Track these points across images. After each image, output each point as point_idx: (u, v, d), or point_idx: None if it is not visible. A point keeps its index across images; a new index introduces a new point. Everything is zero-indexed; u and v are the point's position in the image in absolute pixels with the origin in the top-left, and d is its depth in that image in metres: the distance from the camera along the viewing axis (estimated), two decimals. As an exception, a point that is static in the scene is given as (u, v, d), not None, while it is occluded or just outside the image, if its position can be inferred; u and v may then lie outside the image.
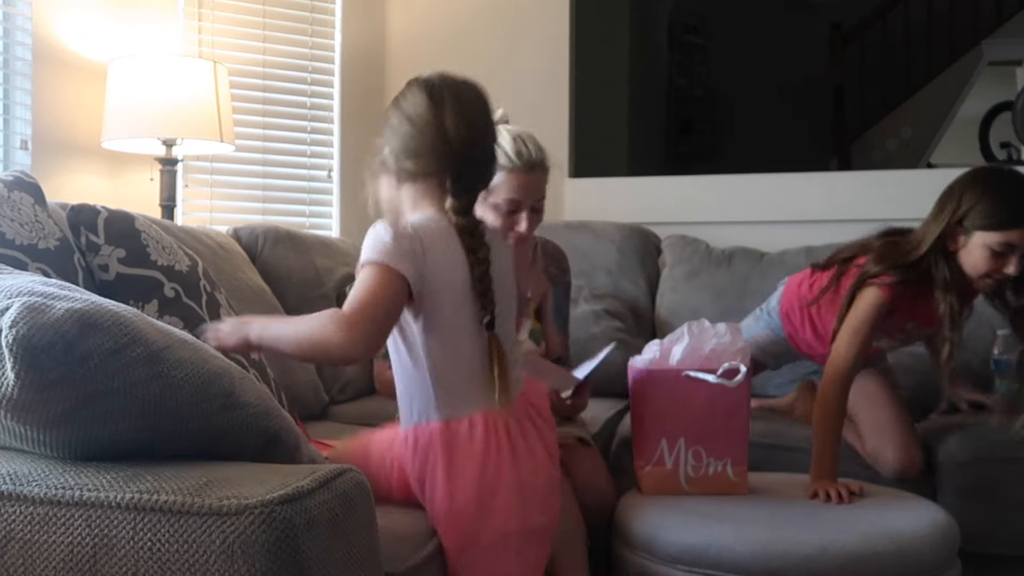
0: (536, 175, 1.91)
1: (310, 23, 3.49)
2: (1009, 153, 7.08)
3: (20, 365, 0.98)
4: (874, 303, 2.05)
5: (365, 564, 1.10)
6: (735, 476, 1.93)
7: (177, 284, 1.81)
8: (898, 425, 2.19)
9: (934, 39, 6.72)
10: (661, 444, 1.93)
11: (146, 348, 1.04)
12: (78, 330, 1.00)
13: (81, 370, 1.00)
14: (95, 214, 1.78)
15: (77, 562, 1.01)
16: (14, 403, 1.01)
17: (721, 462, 1.92)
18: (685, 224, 3.28)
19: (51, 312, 1.00)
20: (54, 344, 0.98)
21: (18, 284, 1.08)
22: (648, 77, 6.31)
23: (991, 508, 2.16)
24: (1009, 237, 1.98)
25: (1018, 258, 1.99)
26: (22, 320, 0.99)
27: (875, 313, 2.04)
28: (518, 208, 1.90)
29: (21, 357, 0.98)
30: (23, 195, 1.70)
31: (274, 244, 2.70)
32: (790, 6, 7.21)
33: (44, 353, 0.98)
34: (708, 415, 1.90)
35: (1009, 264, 1.99)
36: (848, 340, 2.05)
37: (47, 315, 1.00)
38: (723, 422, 1.91)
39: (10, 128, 2.78)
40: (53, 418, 1.03)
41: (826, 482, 1.93)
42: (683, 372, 1.91)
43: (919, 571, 1.69)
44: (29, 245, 1.62)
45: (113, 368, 1.01)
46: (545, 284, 2.19)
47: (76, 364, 1.00)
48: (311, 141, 3.51)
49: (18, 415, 1.03)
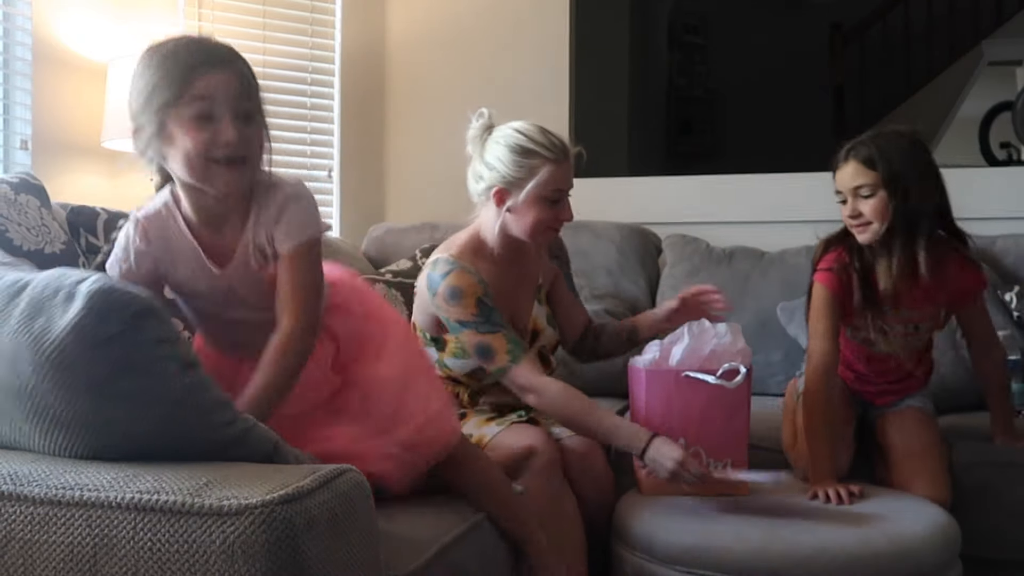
0: (570, 162, 2.00)
1: (310, 23, 3.49)
2: (1009, 153, 7.07)
3: (88, 312, 1.03)
4: (820, 295, 2.05)
5: (365, 564, 1.10)
6: (735, 477, 1.93)
7: (177, 284, 1.81)
8: (927, 457, 2.07)
9: (934, 39, 6.72)
10: None
11: (185, 357, 1.11)
12: (145, 309, 1.07)
13: (135, 338, 1.05)
14: (94, 216, 1.78)
15: (77, 562, 1.01)
16: (63, 356, 1.04)
17: (721, 463, 1.92)
18: (685, 224, 3.28)
19: (124, 288, 1.08)
20: (127, 305, 1.05)
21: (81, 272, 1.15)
22: (648, 77, 6.31)
23: (994, 511, 2.15)
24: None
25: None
26: (103, 280, 1.07)
27: (824, 305, 2.04)
28: (563, 197, 1.99)
29: (95, 303, 1.04)
30: (29, 198, 1.70)
31: (274, 244, 2.69)
32: (790, 6, 7.21)
33: (115, 310, 1.04)
34: (708, 416, 1.90)
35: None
36: (813, 338, 2.05)
37: (124, 287, 1.08)
38: (723, 423, 1.91)
39: (10, 128, 2.78)
40: (90, 385, 1.05)
41: (826, 483, 1.93)
42: (683, 373, 1.91)
43: (919, 573, 1.69)
44: (36, 251, 1.63)
45: (156, 355, 1.07)
46: (554, 269, 2.22)
47: (132, 331, 1.05)
48: (311, 141, 3.51)
49: (59, 376, 1.05)
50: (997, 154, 7.17)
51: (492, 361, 1.90)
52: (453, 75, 3.65)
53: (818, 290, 2.06)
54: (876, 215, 1.97)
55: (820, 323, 2.04)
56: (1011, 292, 2.72)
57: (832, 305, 2.03)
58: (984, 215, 3.08)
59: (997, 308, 2.70)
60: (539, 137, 1.96)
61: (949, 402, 2.57)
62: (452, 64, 3.67)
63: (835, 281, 2.04)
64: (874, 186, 1.96)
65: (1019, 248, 2.86)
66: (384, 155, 3.72)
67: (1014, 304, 2.70)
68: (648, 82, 6.32)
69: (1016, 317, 2.68)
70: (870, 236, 1.99)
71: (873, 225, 1.98)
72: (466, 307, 1.90)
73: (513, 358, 1.89)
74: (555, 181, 1.95)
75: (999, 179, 3.35)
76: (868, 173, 1.96)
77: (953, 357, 2.61)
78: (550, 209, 1.97)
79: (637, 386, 1.96)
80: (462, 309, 1.90)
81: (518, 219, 1.98)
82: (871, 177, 1.96)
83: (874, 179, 1.96)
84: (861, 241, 2.02)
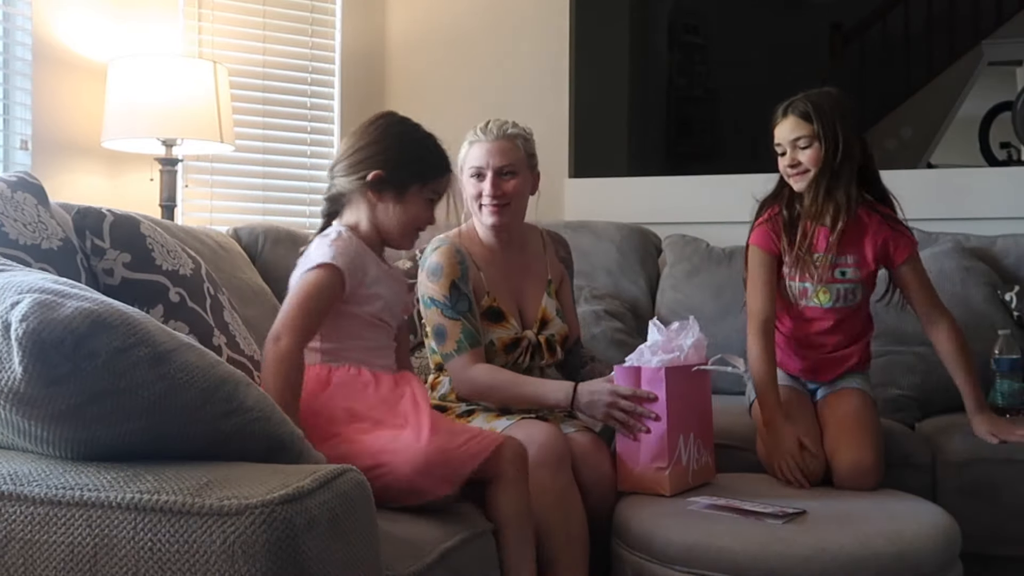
0: (494, 143, 2.11)
1: (310, 23, 3.49)
2: (1009, 153, 7.07)
3: (28, 359, 0.99)
4: (754, 256, 2.24)
5: (365, 564, 1.10)
6: (711, 463, 2.05)
7: (182, 288, 1.82)
8: (854, 424, 2.11)
9: (934, 39, 6.72)
10: (679, 442, 1.94)
11: (153, 349, 1.05)
12: (87, 327, 1.00)
13: (88, 367, 1.00)
14: (101, 218, 1.78)
15: (77, 562, 1.01)
16: (20, 397, 1.01)
17: (707, 450, 2.04)
18: (685, 224, 3.28)
19: (62, 309, 1.01)
20: (63, 340, 0.99)
21: (29, 280, 1.09)
22: (648, 77, 6.31)
23: (991, 508, 2.15)
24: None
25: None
26: (33, 315, 1.00)
27: (759, 264, 2.23)
28: (482, 172, 2.11)
29: (30, 351, 0.99)
30: (26, 195, 1.70)
31: (274, 244, 2.70)
32: (790, 6, 7.21)
33: (53, 348, 0.99)
34: (699, 407, 2.02)
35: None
36: (750, 297, 2.24)
37: (58, 312, 1.00)
38: (704, 411, 2.05)
39: (10, 128, 2.78)
40: (58, 414, 1.03)
41: (783, 453, 2.02)
42: (693, 367, 1.98)
43: (919, 573, 1.68)
44: (32, 245, 1.62)
45: (119, 367, 1.02)
46: (561, 268, 2.32)
47: (83, 361, 1.00)
48: (311, 141, 3.51)
49: (23, 409, 1.03)
50: (997, 154, 7.17)
51: (442, 345, 2.02)
52: (453, 75, 3.65)
53: (752, 253, 2.25)
54: (813, 162, 2.17)
55: (756, 281, 2.23)
56: (1011, 292, 2.72)
57: (765, 263, 2.22)
58: (984, 215, 3.09)
59: (997, 308, 2.70)
60: (480, 124, 2.13)
61: (946, 402, 2.58)
62: (452, 64, 3.66)
63: (766, 234, 2.23)
64: (811, 137, 2.16)
65: (1019, 248, 2.86)
66: (384, 155, 3.71)
67: (1014, 304, 2.71)
68: (648, 82, 6.32)
69: (1016, 317, 2.68)
70: (806, 183, 2.19)
71: (810, 172, 2.17)
72: (441, 287, 2.02)
73: (459, 348, 2.00)
74: (473, 158, 2.10)
75: (999, 179, 3.35)
76: (805, 126, 2.17)
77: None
78: (477, 184, 2.10)
79: (655, 386, 1.95)
80: (437, 288, 2.02)
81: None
82: (808, 129, 2.16)
83: (811, 131, 2.16)
84: (797, 188, 2.21)
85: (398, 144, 1.74)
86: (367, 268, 1.70)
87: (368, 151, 1.72)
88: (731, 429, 2.27)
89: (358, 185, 1.71)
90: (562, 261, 2.33)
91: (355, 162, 1.72)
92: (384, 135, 1.74)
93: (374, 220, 1.74)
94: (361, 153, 1.72)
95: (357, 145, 1.73)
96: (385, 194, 1.72)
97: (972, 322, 2.65)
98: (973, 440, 2.21)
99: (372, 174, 1.70)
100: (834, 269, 2.19)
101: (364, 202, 1.73)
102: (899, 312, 2.38)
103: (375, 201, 1.72)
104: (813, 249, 2.18)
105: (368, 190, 1.71)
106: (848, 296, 2.22)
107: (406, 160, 1.73)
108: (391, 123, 1.76)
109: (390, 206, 1.73)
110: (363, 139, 1.73)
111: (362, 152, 1.72)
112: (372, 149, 1.72)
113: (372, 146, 1.72)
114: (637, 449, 1.94)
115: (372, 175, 1.70)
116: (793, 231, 2.20)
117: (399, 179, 1.72)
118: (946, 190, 3.19)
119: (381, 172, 1.70)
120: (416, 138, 1.78)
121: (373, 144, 1.72)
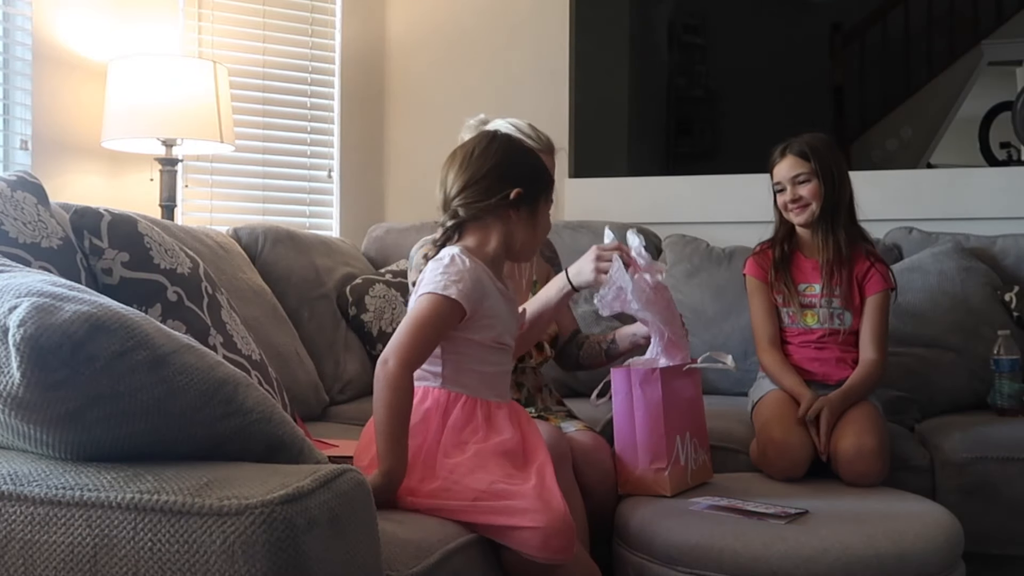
0: (552, 158, 2.09)
1: (310, 23, 3.49)
2: (1009, 153, 7.08)
3: (26, 364, 0.99)
4: (750, 285, 2.42)
5: (366, 565, 1.10)
6: (708, 463, 2.04)
7: (180, 288, 1.81)
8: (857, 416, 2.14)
9: (934, 39, 6.72)
10: (676, 442, 1.94)
11: (152, 352, 1.04)
12: (85, 332, 1.00)
13: (86, 372, 1.00)
14: (98, 217, 1.77)
15: (77, 562, 1.01)
16: (18, 401, 1.01)
17: (703, 450, 2.03)
18: (685, 224, 3.28)
19: (59, 313, 1.00)
20: (61, 345, 0.99)
21: (27, 283, 1.08)
22: (648, 77, 6.31)
23: (992, 507, 2.15)
24: None
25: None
26: (30, 320, 1.00)
27: (755, 290, 2.40)
28: None
29: (28, 356, 0.99)
30: (26, 195, 1.70)
31: (274, 244, 2.69)
32: (790, 6, 7.21)
33: (51, 354, 0.99)
34: (692, 406, 2.02)
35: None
36: (753, 318, 2.40)
37: (55, 316, 1.00)
38: (696, 410, 2.04)
39: (10, 128, 2.78)
40: (56, 418, 1.03)
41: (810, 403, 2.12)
42: (685, 366, 1.97)
43: (922, 574, 1.68)
44: (32, 244, 1.62)
45: (118, 371, 1.02)
46: (547, 267, 2.27)
47: (82, 365, 1.00)
48: (311, 141, 3.51)
49: (22, 414, 1.03)
50: (997, 154, 7.17)
51: None
52: (453, 75, 3.65)
53: (748, 282, 2.43)
54: (813, 196, 2.31)
55: (755, 306, 2.40)
56: (1011, 292, 2.72)
57: (760, 289, 2.39)
58: (984, 215, 3.09)
59: (997, 308, 2.70)
60: (527, 130, 2.07)
61: (946, 403, 2.58)
62: (452, 64, 3.66)
63: (755, 264, 2.42)
64: (809, 174, 2.31)
65: (1019, 248, 2.85)
66: (384, 155, 3.72)
67: (1014, 304, 2.70)
68: (648, 82, 6.32)
69: (1016, 317, 2.68)
70: (807, 216, 2.32)
71: (811, 206, 2.31)
72: None
73: None
74: None
75: (999, 179, 3.35)
76: (804, 164, 2.32)
77: (953, 358, 2.61)
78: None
79: (650, 386, 1.94)
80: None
81: None
82: (806, 167, 2.31)
83: (809, 168, 2.31)
84: (798, 222, 2.35)
85: (523, 160, 1.78)
86: (486, 291, 1.70)
87: (500, 171, 1.73)
88: (728, 432, 2.27)
89: (497, 206, 1.72)
90: (548, 261, 2.30)
91: (490, 184, 1.72)
92: (508, 154, 1.76)
93: (508, 237, 1.75)
94: (493, 174, 1.73)
95: (485, 168, 1.73)
96: (521, 209, 1.74)
97: (972, 322, 2.65)
98: (973, 440, 2.21)
99: (515, 192, 1.71)
100: (822, 298, 2.32)
101: (498, 221, 1.74)
102: (898, 314, 2.39)
103: (514, 218, 1.74)
104: (798, 280, 2.36)
105: (508, 208, 1.72)
106: (836, 319, 2.33)
107: (534, 175, 1.77)
108: (507, 142, 1.78)
109: (525, 220, 1.75)
110: (489, 161, 1.73)
111: (494, 173, 1.73)
112: (503, 169, 1.73)
113: (502, 167, 1.74)
114: (635, 451, 1.94)
115: (515, 193, 1.71)
116: (784, 266, 2.36)
117: (533, 193, 1.75)
118: (946, 190, 3.19)
119: (521, 190, 1.72)
120: (531, 152, 1.83)
121: (502, 165, 1.74)
